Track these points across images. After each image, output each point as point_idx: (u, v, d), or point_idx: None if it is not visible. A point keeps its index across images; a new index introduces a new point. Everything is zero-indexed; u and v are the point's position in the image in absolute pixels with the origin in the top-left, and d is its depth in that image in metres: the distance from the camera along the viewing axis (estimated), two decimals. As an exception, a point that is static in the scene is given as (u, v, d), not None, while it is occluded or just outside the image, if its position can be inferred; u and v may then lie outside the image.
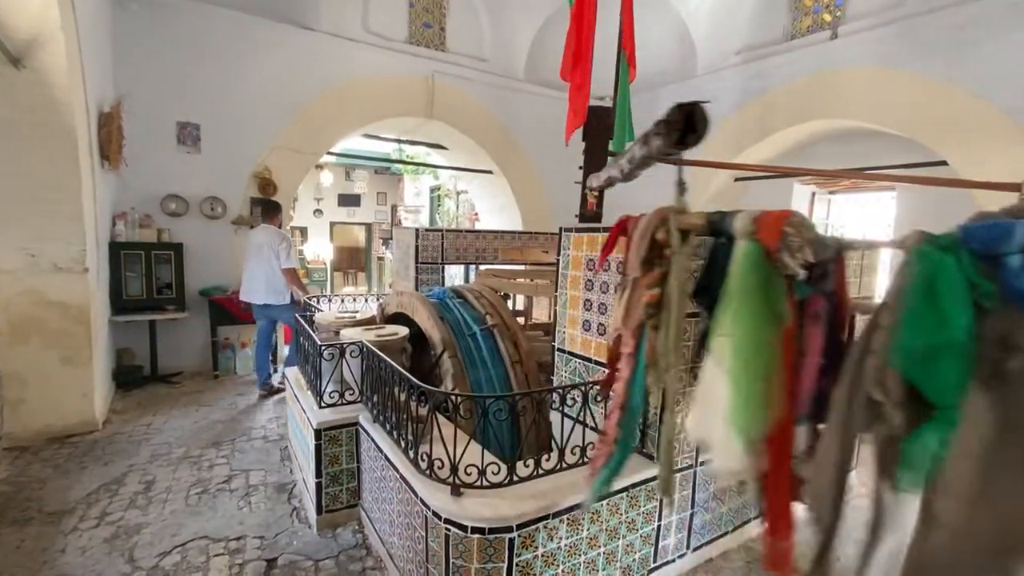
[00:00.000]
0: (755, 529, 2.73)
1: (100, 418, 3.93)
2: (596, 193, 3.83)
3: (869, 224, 7.29)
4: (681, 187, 1.53)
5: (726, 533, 2.59)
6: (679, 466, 2.26)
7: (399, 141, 8.38)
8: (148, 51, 5.04)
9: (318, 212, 14.27)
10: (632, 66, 3.98)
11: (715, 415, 1.28)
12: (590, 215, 3.89)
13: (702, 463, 2.37)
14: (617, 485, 2.05)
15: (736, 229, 1.27)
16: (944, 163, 4.94)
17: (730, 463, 1.26)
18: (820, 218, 7.58)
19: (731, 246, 1.29)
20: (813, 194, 7.47)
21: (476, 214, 10.26)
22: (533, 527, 1.83)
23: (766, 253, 1.18)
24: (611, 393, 1.63)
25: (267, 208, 4.94)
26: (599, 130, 4.13)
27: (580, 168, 3.79)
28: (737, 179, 7.22)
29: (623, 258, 1.69)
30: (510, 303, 4.44)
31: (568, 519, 1.93)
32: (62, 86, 3.40)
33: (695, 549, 2.45)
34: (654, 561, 2.28)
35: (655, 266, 1.47)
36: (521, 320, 4.10)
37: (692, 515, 2.39)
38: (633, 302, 1.53)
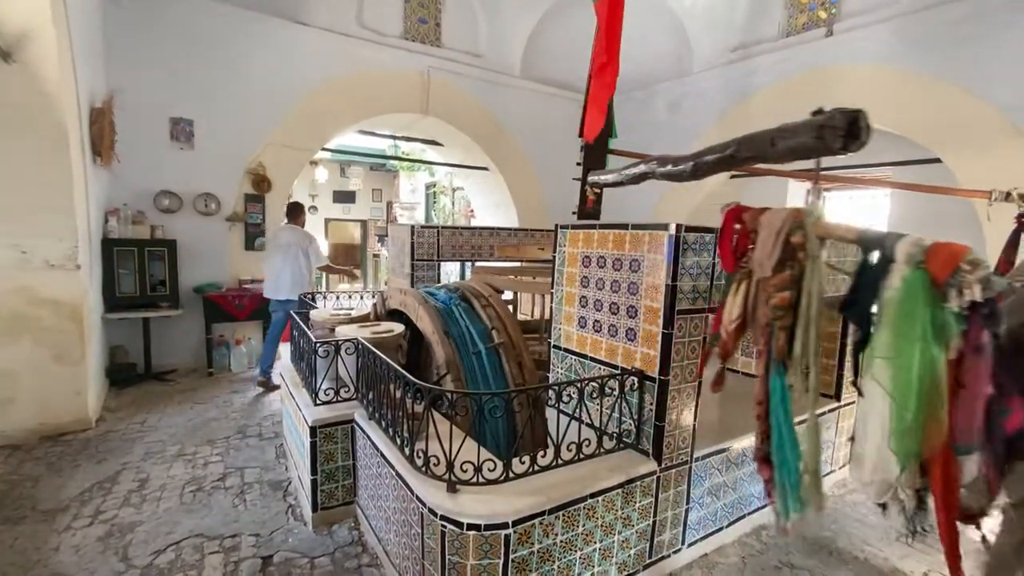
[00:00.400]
0: (750, 524, 2.75)
1: (93, 416, 3.91)
2: (597, 190, 3.82)
3: (864, 220, 7.32)
4: (818, 193, 1.66)
5: (721, 528, 2.61)
6: (674, 462, 2.27)
7: (394, 137, 8.35)
8: (140, 46, 4.99)
9: (313, 209, 14.17)
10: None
11: (870, 432, 1.34)
12: (589, 212, 3.88)
13: (698, 459, 2.38)
14: (613, 481, 2.06)
15: (899, 253, 1.29)
16: (938, 160, 4.96)
17: (882, 479, 1.36)
18: (815, 215, 7.60)
19: (885, 266, 1.33)
20: (807, 191, 7.49)
21: (472, 211, 10.25)
22: (529, 523, 1.84)
23: (931, 283, 1.21)
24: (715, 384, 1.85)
25: (293, 209, 5.29)
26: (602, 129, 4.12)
27: (578, 164, 3.78)
28: (732, 176, 7.23)
29: (721, 253, 1.79)
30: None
31: (564, 515, 1.93)
32: (53, 80, 3.36)
33: (690, 545, 2.46)
34: (650, 557, 2.29)
35: (787, 268, 1.49)
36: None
37: (687, 511, 2.40)
38: (759, 301, 1.58)
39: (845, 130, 1.26)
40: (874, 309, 1.38)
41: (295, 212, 5.27)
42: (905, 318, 1.25)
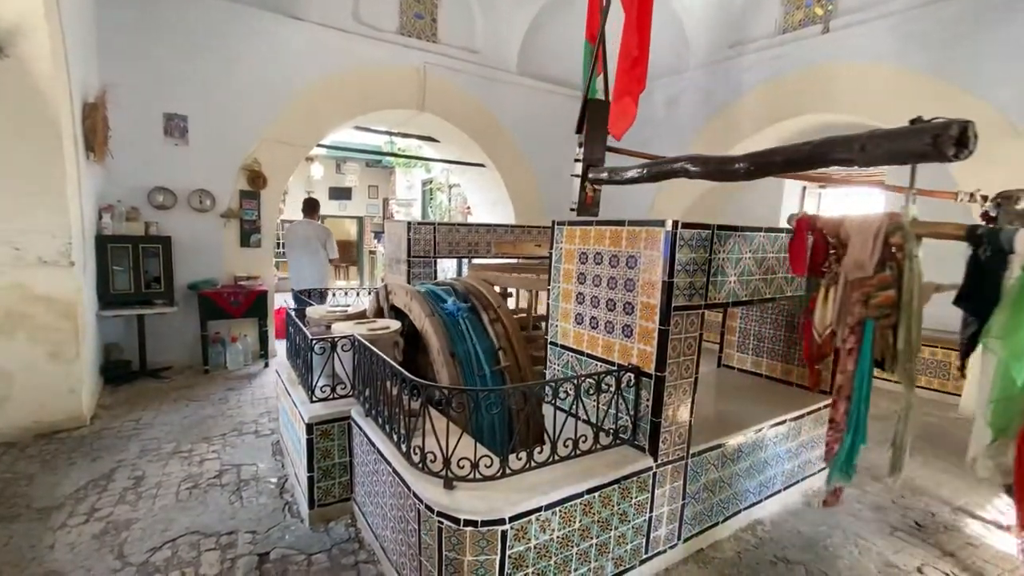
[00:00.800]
0: (746, 519, 2.77)
1: (88, 413, 3.89)
2: (597, 187, 3.82)
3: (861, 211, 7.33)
4: (910, 198, 1.76)
5: (717, 523, 2.62)
6: (670, 458, 2.28)
7: (390, 134, 8.31)
8: (133, 40, 4.94)
9: (309, 205, 14.13)
10: (599, 60, 3.89)
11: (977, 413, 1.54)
12: (588, 209, 3.89)
13: (694, 455, 2.39)
14: (610, 477, 2.06)
15: (1019, 245, 1.48)
16: (933, 157, 4.97)
17: (977, 446, 1.54)
18: (811, 211, 7.63)
19: (1004, 257, 1.50)
20: (804, 189, 7.52)
21: (468, 207, 10.23)
22: (526, 519, 1.84)
23: None
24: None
25: (310, 205, 6.00)
26: (598, 123, 4.10)
27: (577, 160, 3.77)
28: (729, 173, 7.24)
29: (792, 258, 1.97)
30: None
31: (561, 511, 1.94)
32: (45, 75, 3.33)
33: (686, 540, 2.48)
34: (646, 552, 2.30)
35: (886, 268, 1.62)
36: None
37: (683, 506, 2.41)
38: (850, 301, 1.72)
39: (957, 138, 1.35)
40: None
41: (312, 207, 5.89)
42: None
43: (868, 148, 1.55)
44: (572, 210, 2.84)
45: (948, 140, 1.35)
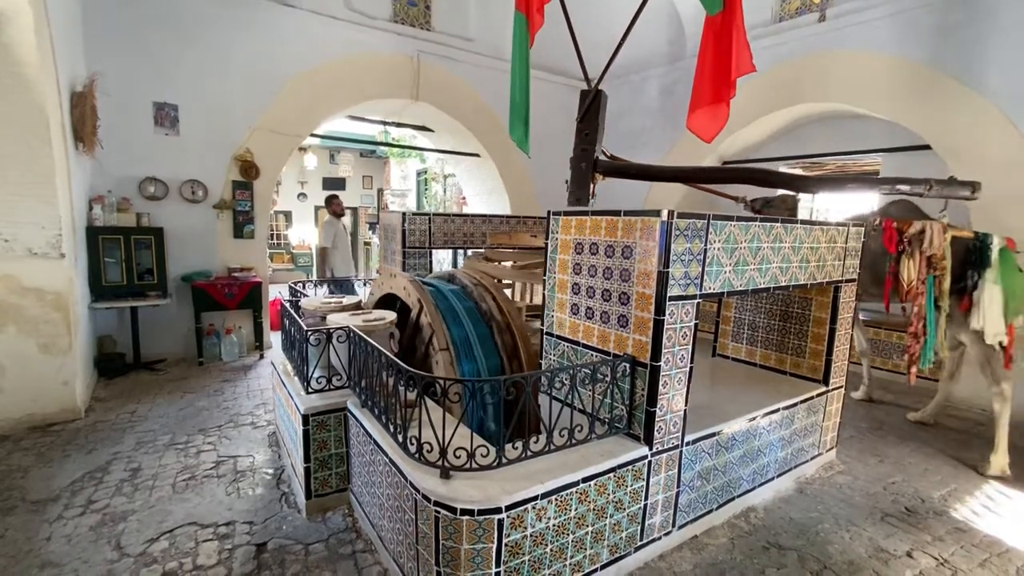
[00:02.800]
0: (740, 506, 2.80)
1: (82, 406, 3.87)
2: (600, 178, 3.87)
3: (852, 208, 7.36)
4: (946, 208, 3.35)
5: (711, 511, 2.65)
6: (665, 447, 2.30)
7: (384, 123, 8.23)
8: (121, 28, 4.86)
9: (302, 196, 14.05)
10: (531, 30, 3.89)
11: (991, 315, 3.27)
12: (584, 196, 3.90)
13: (688, 443, 2.41)
14: (605, 466, 2.08)
15: (995, 239, 3.34)
16: (928, 148, 4.99)
17: (995, 330, 3.26)
18: (805, 202, 7.65)
19: (987, 247, 3.35)
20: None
21: (464, 198, 10.19)
22: (522, 508, 1.85)
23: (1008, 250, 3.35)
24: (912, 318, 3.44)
25: (331, 200, 7.03)
26: (593, 112, 4.09)
27: (585, 149, 3.81)
28: (725, 163, 7.24)
29: (886, 242, 3.53)
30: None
31: (557, 499, 1.95)
32: (31, 63, 3.26)
33: (680, 527, 2.50)
34: (641, 539, 2.32)
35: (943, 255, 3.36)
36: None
37: (678, 494, 2.44)
38: (922, 265, 3.37)
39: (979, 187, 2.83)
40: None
41: (333, 203, 6.94)
42: (1002, 265, 3.29)
43: (934, 188, 2.52)
44: (565, 181, 2.92)
45: (979, 188, 2.82)
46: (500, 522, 1.81)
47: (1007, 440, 3.34)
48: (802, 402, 3.09)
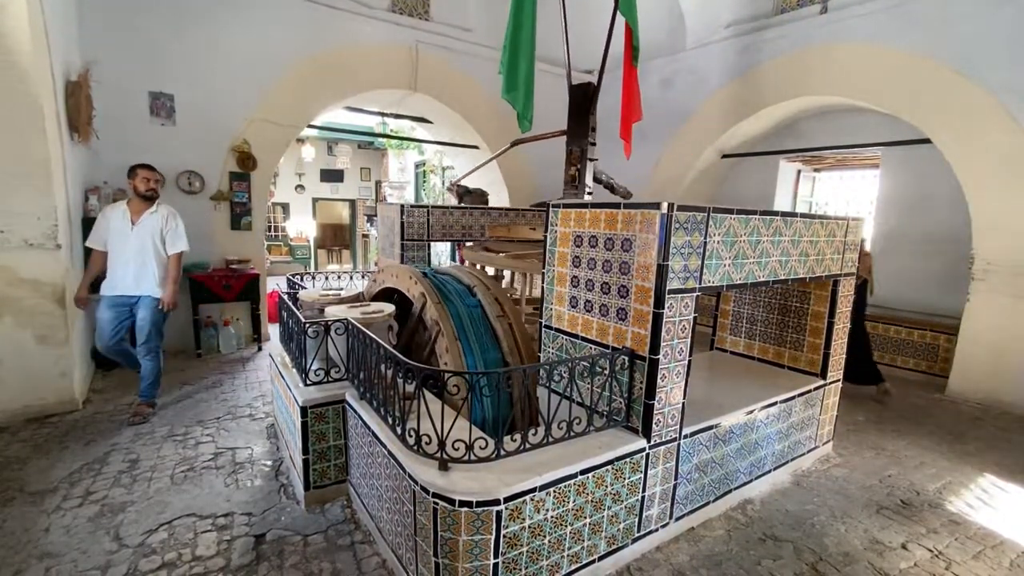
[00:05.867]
0: (736, 498, 2.82)
1: (80, 397, 3.87)
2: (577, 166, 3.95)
3: (853, 201, 7.37)
4: None
5: (708, 503, 2.67)
6: (663, 439, 2.30)
7: (383, 114, 8.18)
8: (116, 15, 4.79)
9: (300, 188, 13.98)
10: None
11: None
12: (575, 187, 3.96)
13: (686, 436, 2.42)
14: (603, 458, 2.09)
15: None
16: (928, 141, 4.97)
17: None
18: (805, 195, 7.64)
19: None
20: (799, 172, 7.51)
21: (462, 190, 10.12)
22: (520, 500, 1.86)
23: None
24: None
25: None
26: (584, 106, 4.09)
27: (593, 145, 3.91)
28: (725, 156, 7.21)
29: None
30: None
31: (555, 491, 1.96)
32: (25, 52, 3.22)
33: (678, 519, 2.52)
34: (638, 531, 2.34)
35: None
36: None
37: (675, 486, 2.45)
38: None
39: None
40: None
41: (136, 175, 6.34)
42: None
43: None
44: (566, 178, 2.93)
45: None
46: (498, 514, 1.81)
47: None
48: (799, 395, 3.10)
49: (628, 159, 4.47)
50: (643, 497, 2.31)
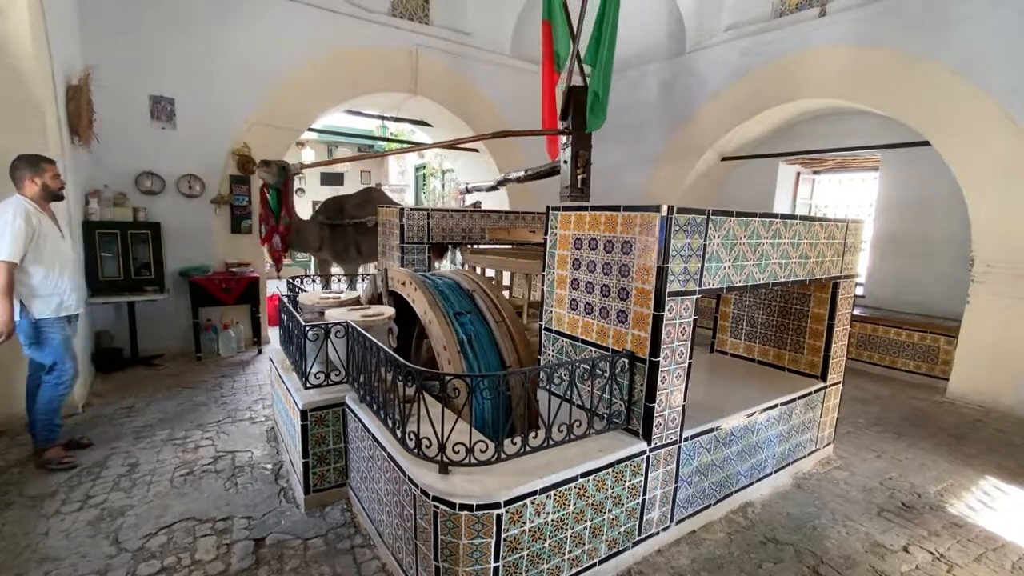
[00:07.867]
0: (737, 501, 2.81)
1: (80, 401, 3.86)
2: (581, 174, 3.91)
3: (852, 203, 7.37)
4: None
5: (709, 506, 2.66)
6: (663, 442, 2.30)
7: (383, 118, 8.21)
8: (116, 20, 4.81)
9: (300, 191, 13.98)
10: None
11: None
12: (580, 190, 3.95)
13: (687, 439, 2.42)
14: (603, 461, 2.08)
15: None
16: (927, 143, 4.98)
17: None
18: (804, 198, 7.65)
19: None
20: (798, 174, 7.52)
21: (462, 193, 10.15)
22: (521, 503, 1.86)
23: None
24: None
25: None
26: (581, 108, 4.10)
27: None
28: (724, 159, 7.22)
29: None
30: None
31: (555, 495, 1.95)
32: (26, 56, 3.23)
33: (678, 522, 2.51)
34: (639, 534, 2.33)
35: None
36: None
37: (676, 489, 2.44)
38: None
39: None
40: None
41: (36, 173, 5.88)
42: None
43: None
44: (565, 189, 2.90)
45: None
46: (499, 517, 1.81)
47: None
48: (800, 398, 3.10)
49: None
50: (644, 500, 2.30)
